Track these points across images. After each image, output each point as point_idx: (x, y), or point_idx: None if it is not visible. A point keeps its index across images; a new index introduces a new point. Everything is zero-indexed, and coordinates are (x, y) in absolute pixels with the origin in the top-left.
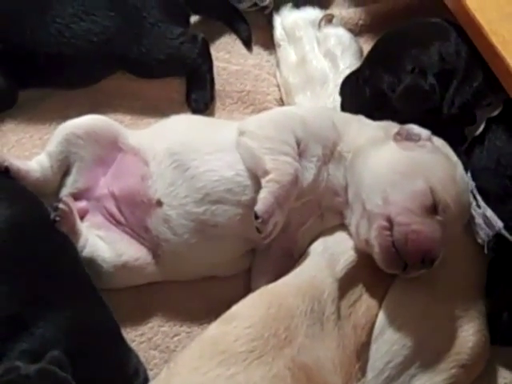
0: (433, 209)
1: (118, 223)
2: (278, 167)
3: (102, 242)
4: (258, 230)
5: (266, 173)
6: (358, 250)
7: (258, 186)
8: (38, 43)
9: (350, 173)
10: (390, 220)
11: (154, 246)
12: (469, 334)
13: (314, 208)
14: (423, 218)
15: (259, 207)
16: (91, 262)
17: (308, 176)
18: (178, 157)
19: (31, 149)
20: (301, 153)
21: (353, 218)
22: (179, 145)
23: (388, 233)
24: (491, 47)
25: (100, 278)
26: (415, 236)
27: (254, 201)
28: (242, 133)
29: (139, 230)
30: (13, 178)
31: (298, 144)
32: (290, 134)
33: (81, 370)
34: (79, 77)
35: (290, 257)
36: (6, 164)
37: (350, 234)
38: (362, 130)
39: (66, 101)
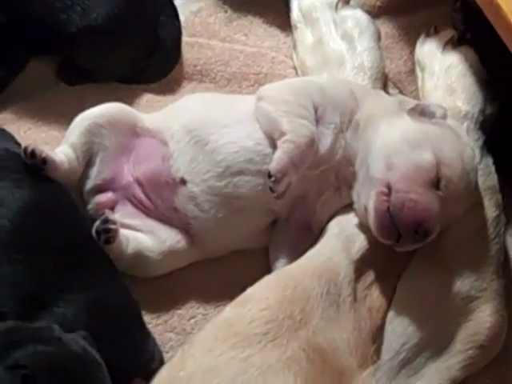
0: (435, 183)
1: (147, 210)
2: (295, 129)
3: (139, 233)
4: (271, 190)
5: (282, 134)
6: (372, 233)
7: None
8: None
9: (361, 140)
10: (389, 186)
11: (185, 226)
12: (486, 314)
13: (331, 178)
14: (424, 189)
15: (273, 166)
16: (137, 256)
17: (325, 143)
18: (196, 133)
19: (47, 131)
20: (318, 119)
21: (356, 185)
22: (196, 121)
23: (385, 198)
24: (510, 28)
25: (147, 267)
26: (411, 204)
27: None
28: (260, 98)
29: (169, 213)
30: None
31: (316, 110)
32: (307, 99)
33: (99, 351)
34: None
35: (308, 229)
36: (43, 156)
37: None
38: (378, 100)
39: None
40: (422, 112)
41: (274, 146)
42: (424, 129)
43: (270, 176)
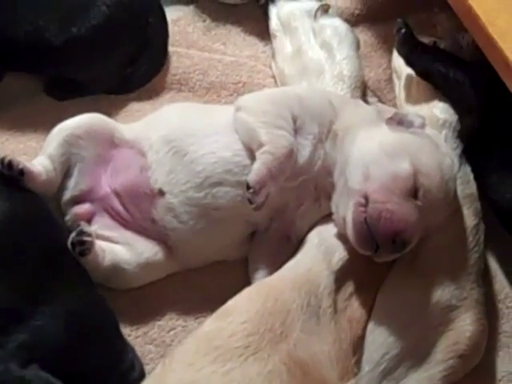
0: (413, 192)
1: (125, 221)
2: (273, 140)
3: (116, 245)
4: (250, 201)
5: (261, 145)
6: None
7: None
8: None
9: (339, 150)
10: (366, 197)
11: (163, 237)
12: (466, 323)
13: (310, 189)
14: (401, 199)
15: (251, 177)
16: (113, 268)
17: (304, 153)
18: (175, 143)
19: (26, 141)
20: (297, 130)
21: (334, 196)
22: (175, 131)
23: (362, 209)
24: (488, 38)
25: (124, 279)
26: (388, 215)
27: None
28: (238, 108)
29: (147, 224)
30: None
31: (295, 120)
32: (286, 110)
33: (77, 363)
34: None
35: (287, 240)
36: (20, 167)
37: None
38: (356, 110)
39: None
40: (400, 121)
41: (252, 157)
42: (402, 138)
43: (248, 187)
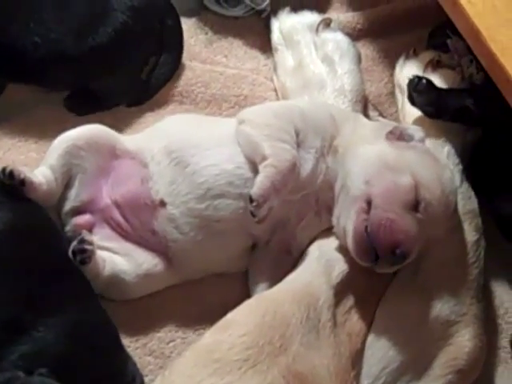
0: (414, 206)
1: (125, 232)
2: (276, 153)
3: (116, 255)
4: (253, 214)
5: (264, 158)
6: (352, 257)
7: None
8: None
9: (340, 166)
10: (369, 201)
11: (163, 248)
12: (465, 339)
13: (312, 203)
14: (402, 211)
15: (255, 191)
16: (113, 278)
17: (306, 167)
18: (176, 154)
19: (27, 152)
20: (299, 143)
21: (336, 210)
22: (177, 142)
23: (364, 216)
24: (490, 54)
25: (123, 290)
26: (389, 224)
27: None
28: (241, 121)
29: (147, 235)
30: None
31: (297, 134)
32: (289, 123)
33: (78, 375)
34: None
35: (288, 253)
36: (22, 177)
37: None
38: (357, 127)
39: (61, 104)
40: (400, 136)
41: (255, 170)
42: (402, 153)
43: (251, 200)
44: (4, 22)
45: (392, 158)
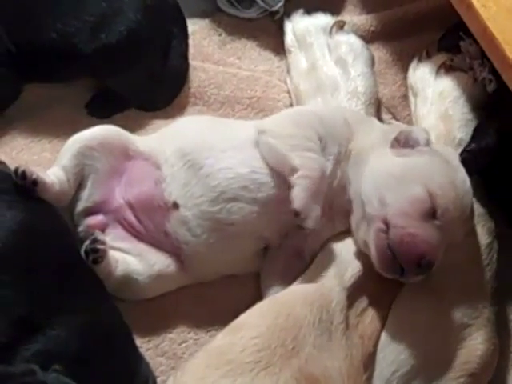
0: (431, 213)
1: (138, 233)
2: (306, 163)
3: (129, 255)
4: (302, 227)
5: (294, 170)
6: (364, 260)
7: (274, 183)
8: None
9: (353, 171)
10: (386, 222)
11: (176, 250)
12: (477, 342)
13: (325, 207)
14: (421, 222)
15: (297, 204)
16: (125, 278)
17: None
18: (191, 156)
19: (40, 152)
20: (321, 150)
21: (353, 217)
22: (192, 144)
23: (384, 235)
24: (504, 57)
25: (135, 290)
26: (410, 239)
27: (269, 198)
28: (262, 132)
29: (160, 237)
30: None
31: (320, 141)
32: (312, 131)
33: (91, 375)
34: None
35: (300, 257)
36: (34, 177)
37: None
38: (369, 132)
39: (75, 104)
40: (405, 142)
41: (270, 175)
42: (409, 162)
43: (297, 214)
44: (22, 21)
45: (400, 169)
